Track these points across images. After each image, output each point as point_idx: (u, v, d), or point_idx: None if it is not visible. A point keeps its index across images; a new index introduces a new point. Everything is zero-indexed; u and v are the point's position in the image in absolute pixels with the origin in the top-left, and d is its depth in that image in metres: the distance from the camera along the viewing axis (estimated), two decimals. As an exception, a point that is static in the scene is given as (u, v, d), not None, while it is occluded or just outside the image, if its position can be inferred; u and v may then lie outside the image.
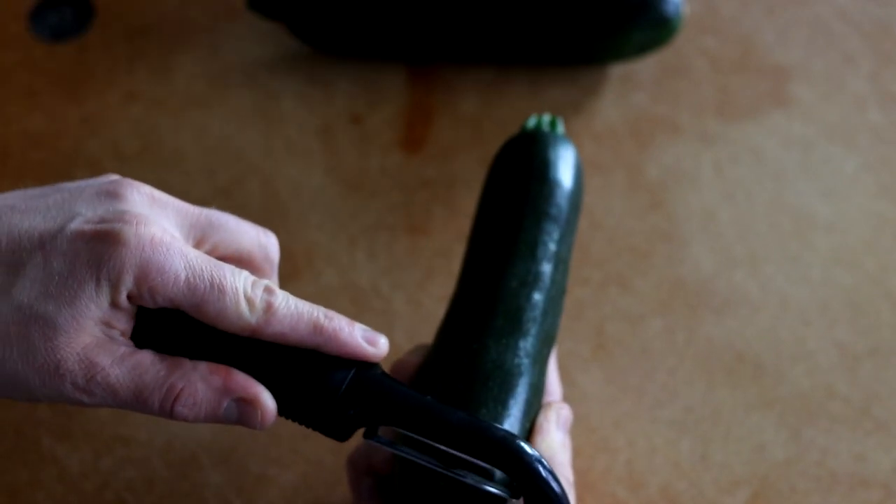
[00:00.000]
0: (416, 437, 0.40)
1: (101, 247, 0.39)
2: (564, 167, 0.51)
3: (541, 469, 0.39)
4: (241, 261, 0.44)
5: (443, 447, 0.40)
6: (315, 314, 0.41)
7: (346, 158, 0.65)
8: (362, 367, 0.41)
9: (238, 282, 0.40)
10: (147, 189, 0.42)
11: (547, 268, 0.47)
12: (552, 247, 0.48)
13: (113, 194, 0.41)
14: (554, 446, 0.44)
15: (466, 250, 0.50)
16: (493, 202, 0.50)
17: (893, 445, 0.54)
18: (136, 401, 0.39)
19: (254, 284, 0.40)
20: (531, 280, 0.47)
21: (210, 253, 0.43)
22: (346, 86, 0.68)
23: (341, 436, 0.41)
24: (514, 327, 0.45)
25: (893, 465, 0.54)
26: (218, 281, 0.40)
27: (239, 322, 0.40)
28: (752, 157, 0.65)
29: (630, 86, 0.68)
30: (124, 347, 0.40)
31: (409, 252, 0.61)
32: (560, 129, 0.54)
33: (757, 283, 0.60)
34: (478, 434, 0.39)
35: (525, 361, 0.45)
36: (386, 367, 0.46)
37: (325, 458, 0.54)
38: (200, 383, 0.40)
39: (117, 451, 0.55)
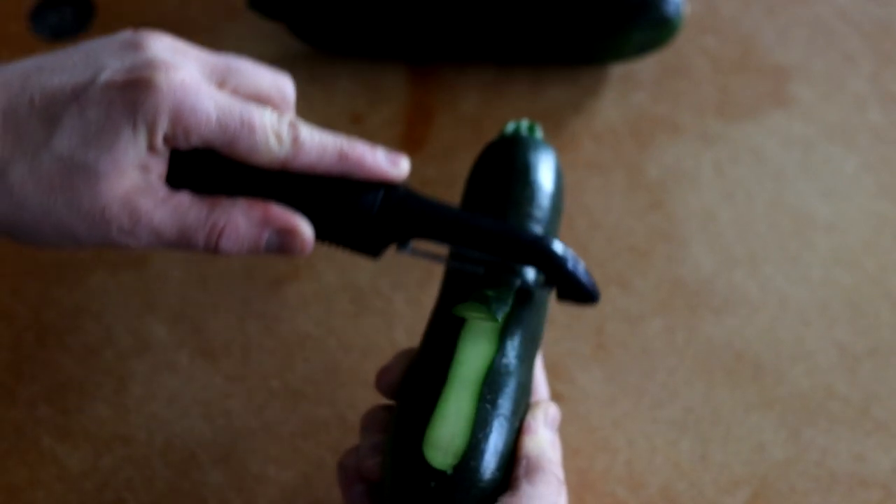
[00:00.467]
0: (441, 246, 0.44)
1: (135, 93, 0.40)
2: (545, 170, 0.51)
3: (569, 261, 0.43)
4: (259, 101, 0.45)
5: (474, 253, 0.44)
6: (339, 143, 0.44)
7: (347, 158, 0.65)
8: (389, 187, 0.44)
9: (265, 118, 0.42)
10: (167, 38, 0.44)
11: (531, 271, 0.47)
12: None
13: (136, 45, 0.43)
14: (543, 445, 0.44)
15: (448, 254, 0.50)
16: (475, 206, 0.51)
17: (893, 445, 0.54)
18: (180, 240, 0.42)
19: (279, 120, 0.43)
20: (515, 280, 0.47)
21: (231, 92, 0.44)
22: (346, 85, 0.68)
23: (375, 252, 0.44)
24: (501, 326, 0.45)
25: (893, 465, 0.54)
26: (247, 118, 0.42)
27: (269, 156, 0.42)
28: (752, 157, 0.65)
29: (630, 86, 0.68)
30: (164, 190, 0.42)
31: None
32: (538, 133, 0.54)
33: (757, 283, 0.60)
34: (510, 237, 0.43)
35: (513, 361, 0.45)
36: (373, 373, 0.47)
37: (325, 457, 0.54)
38: (241, 218, 0.42)
39: (117, 451, 0.55)
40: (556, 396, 0.55)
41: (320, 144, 0.43)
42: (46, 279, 0.60)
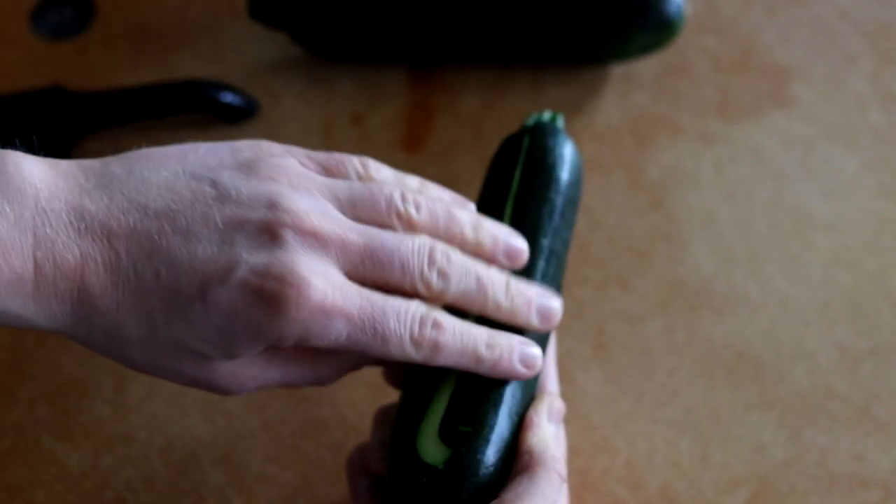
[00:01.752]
0: None
1: (262, 312, 0.38)
2: (561, 161, 0.51)
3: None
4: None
5: None
6: (479, 347, 0.42)
7: (347, 158, 0.65)
8: None
9: (403, 327, 0.40)
10: (309, 224, 0.40)
11: (539, 262, 0.47)
12: (544, 241, 0.48)
13: (273, 235, 0.39)
14: (546, 439, 0.44)
15: None
16: (489, 195, 0.51)
17: (893, 445, 0.54)
18: (286, 386, 0.43)
19: (422, 323, 0.41)
20: (521, 273, 0.46)
21: (371, 285, 0.41)
22: (346, 86, 0.68)
23: None
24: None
25: (893, 465, 0.54)
26: (381, 330, 0.40)
27: (404, 358, 0.41)
28: (753, 156, 0.65)
29: (631, 85, 0.68)
30: (266, 352, 0.41)
31: (409, 252, 0.61)
32: (560, 124, 0.54)
33: (757, 283, 0.60)
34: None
35: None
36: (373, 373, 0.47)
37: (325, 457, 0.54)
38: (346, 362, 0.44)
39: (117, 450, 0.55)
40: (556, 396, 0.55)
41: (461, 348, 0.42)
42: (47, 279, 0.60)
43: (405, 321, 0.40)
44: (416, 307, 0.41)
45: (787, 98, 0.67)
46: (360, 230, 0.41)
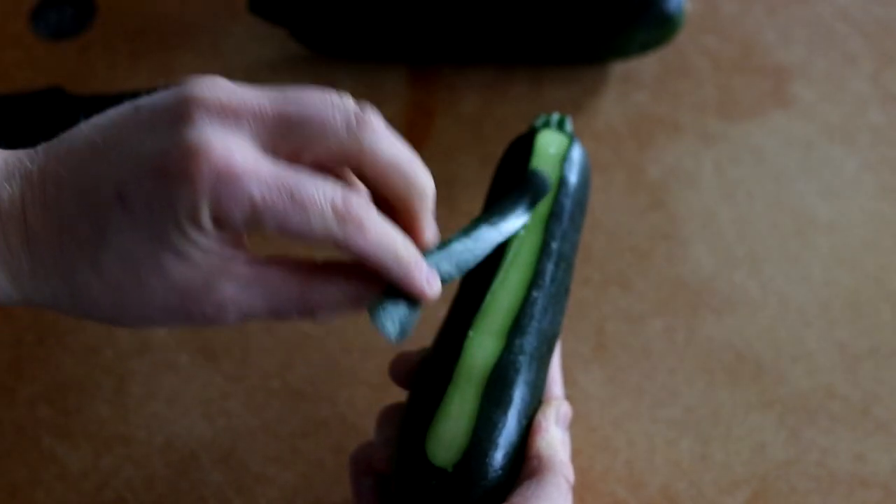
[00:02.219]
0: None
1: (170, 187, 0.37)
2: (569, 166, 0.50)
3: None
4: (330, 161, 0.40)
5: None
6: (397, 244, 0.40)
7: (347, 158, 0.65)
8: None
9: (324, 196, 0.38)
10: (217, 102, 0.38)
11: (547, 265, 0.47)
12: (553, 244, 0.48)
13: (182, 116, 0.38)
14: (554, 444, 0.44)
15: None
16: (497, 197, 0.50)
17: (893, 445, 0.54)
18: (273, 316, 0.40)
19: (345, 197, 0.38)
20: (531, 277, 0.46)
21: (293, 157, 0.39)
22: (347, 85, 0.68)
23: None
24: (511, 324, 0.45)
25: (893, 465, 0.54)
26: (300, 198, 0.37)
27: (325, 234, 0.38)
28: (753, 156, 0.65)
29: (631, 85, 0.68)
30: (246, 267, 0.39)
31: (409, 251, 0.61)
32: (568, 127, 0.53)
33: (757, 283, 0.60)
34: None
35: (521, 358, 0.44)
36: (373, 373, 0.46)
37: (325, 457, 0.54)
38: (338, 294, 0.40)
39: (117, 450, 0.55)
40: (556, 396, 0.55)
41: (382, 239, 0.39)
42: (47, 279, 0.60)
43: (326, 191, 0.38)
44: (337, 184, 0.39)
45: (787, 98, 0.67)
46: (278, 96, 0.39)
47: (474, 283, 0.47)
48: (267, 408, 0.56)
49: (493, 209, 0.47)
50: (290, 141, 0.39)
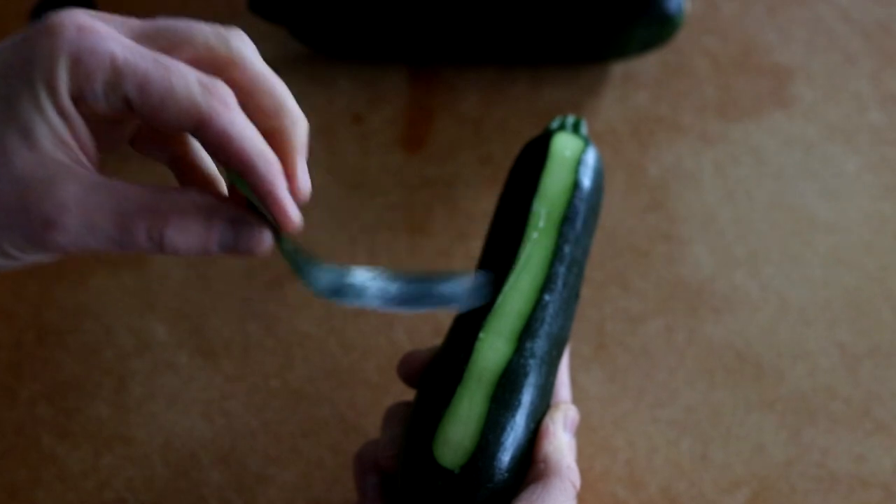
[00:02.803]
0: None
1: (28, 47, 0.34)
2: (584, 169, 0.50)
3: None
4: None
5: None
6: (265, 144, 0.36)
7: (347, 158, 0.65)
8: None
9: (188, 69, 0.35)
10: (80, 19, 0.36)
11: (560, 269, 0.47)
12: (566, 249, 0.48)
13: (43, 28, 0.35)
14: (561, 448, 0.44)
15: (482, 250, 0.50)
16: (510, 201, 0.50)
17: (893, 446, 0.54)
18: (118, 232, 0.35)
19: (210, 78, 0.36)
20: (544, 281, 0.46)
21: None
22: (347, 85, 0.68)
23: None
24: (523, 327, 0.45)
25: (893, 465, 0.54)
26: (164, 62, 0.35)
27: (191, 105, 0.35)
28: (753, 156, 0.65)
29: (631, 85, 0.68)
30: (96, 174, 0.35)
31: (409, 252, 0.61)
32: (584, 130, 0.53)
33: (757, 283, 0.60)
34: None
35: (531, 362, 0.44)
36: (373, 373, 0.46)
37: (325, 457, 0.54)
38: (190, 205, 0.36)
39: (117, 450, 0.55)
40: (556, 396, 0.55)
41: (247, 124, 0.36)
42: (47, 279, 0.60)
43: (189, 70, 0.35)
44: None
45: (787, 98, 0.67)
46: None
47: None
48: (267, 408, 0.56)
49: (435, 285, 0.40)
50: (157, 42, 0.37)
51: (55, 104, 0.34)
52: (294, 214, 0.37)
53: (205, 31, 0.38)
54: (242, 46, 0.38)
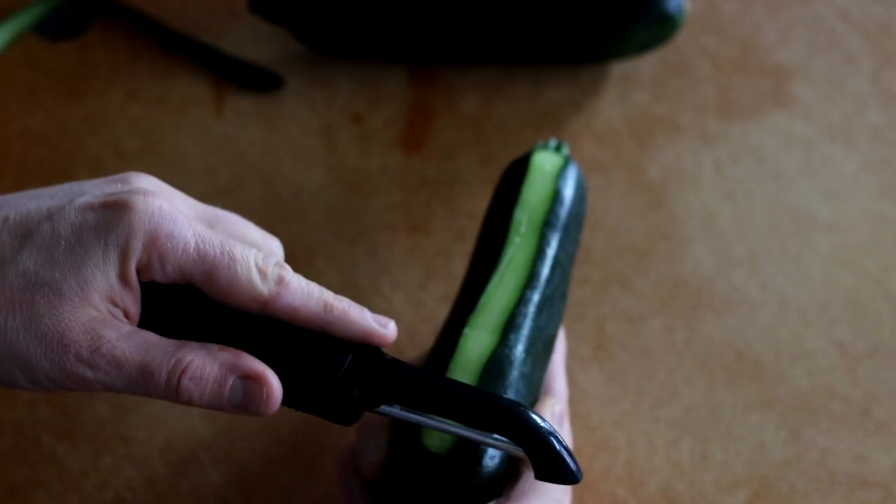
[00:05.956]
0: (417, 416, 0.40)
1: (110, 214, 0.39)
2: (563, 181, 0.52)
3: (552, 440, 0.38)
4: None
5: (448, 423, 0.40)
6: (326, 294, 0.41)
7: (347, 158, 0.65)
8: (366, 350, 0.41)
9: (249, 253, 0.40)
10: (155, 178, 0.42)
11: (542, 269, 0.48)
12: (548, 251, 0.49)
13: (121, 179, 0.42)
14: None
15: (470, 260, 0.51)
16: (494, 212, 0.52)
17: (893, 446, 0.54)
18: (141, 376, 0.39)
19: (265, 258, 0.40)
20: (527, 279, 0.48)
21: None
22: (347, 85, 0.68)
23: (346, 420, 0.40)
24: (506, 320, 0.46)
25: (893, 465, 0.54)
26: (229, 249, 0.39)
27: (251, 291, 0.39)
28: (753, 156, 0.65)
29: (631, 85, 0.68)
30: (130, 327, 0.39)
31: (409, 251, 0.61)
32: (565, 151, 0.55)
33: (757, 283, 0.60)
34: (483, 403, 0.39)
35: (515, 353, 0.45)
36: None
37: (325, 457, 0.54)
38: (208, 358, 0.39)
39: (117, 450, 0.55)
40: (556, 396, 0.55)
41: (306, 290, 0.40)
42: (47, 279, 0.60)
43: (250, 250, 0.40)
44: (258, 250, 0.41)
45: (787, 98, 0.67)
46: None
47: (469, 287, 0.49)
48: (267, 408, 0.56)
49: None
50: (215, 225, 0.43)
51: (121, 271, 0.39)
52: (382, 329, 0.41)
53: (254, 235, 0.44)
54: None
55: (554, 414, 0.46)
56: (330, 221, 0.63)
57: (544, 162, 0.52)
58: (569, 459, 0.38)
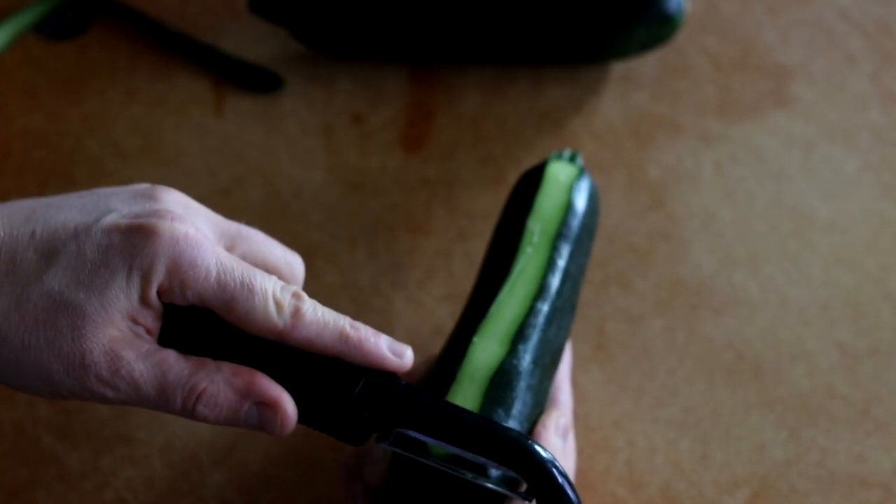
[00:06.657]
0: (425, 439, 0.40)
1: (135, 238, 0.39)
2: (577, 192, 0.52)
3: (555, 472, 0.39)
4: (266, 271, 0.43)
5: (454, 449, 0.40)
6: (341, 323, 0.41)
7: (347, 158, 0.65)
8: (380, 375, 0.41)
9: (268, 284, 0.40)
10: (181, 195, 0.43)
11: (553, 280, 0.48)
12: (560, 262, 0.49)
13: (148, 196, 0.42)
14: (555, 452, 0.44)
15: (480, 268, 0.51)
16: (507, 221, 0.52)
17: (893, 445, 0.54)
18: (158, 397, 0.40)
19: (283, 289, 0.41)
20: (536, 291, 0.47)
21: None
22: (347, 85, 0.68)
23: (357, 440, 0.41)
24: (516, 331, 0.46)
25: (893, 465, 0.54)
26: (248, 280, 0.40)
27: (266, 323, 0.40)
28: (753, 156, 0.65)
29: (631, 85, 0.68)
30: (149, 345, 0.40)
31: (409, 251, 0.61)
32: (579, 162, 0.55)
33: (757, 283, 0.60)
34: (489, 434, 0.40)
35: (524, 364, 0.45)
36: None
37: (325, 457, 0.54)
38: (223, 384, 0.40)
39: (117, 450, 0.55)
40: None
41: (322, 320, 0.41)
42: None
43: (269, 280, 0.41)
44: (277, 279, 0.42)
45: (787, 98, 0.67)
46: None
47: (479, 296, 0.48)
48: (267, 408, 0.56)
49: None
50: (237, 244, 0.44)
51: (142, 294, 0.39)
52: (397, 360, 0.42)
53: (276, 254, 0.45)
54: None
55: (559, 426, 0.46)
56: (330, 221, 0.63)
57: (559, 172, 0.52)
58: (570, 493, 0.39)
